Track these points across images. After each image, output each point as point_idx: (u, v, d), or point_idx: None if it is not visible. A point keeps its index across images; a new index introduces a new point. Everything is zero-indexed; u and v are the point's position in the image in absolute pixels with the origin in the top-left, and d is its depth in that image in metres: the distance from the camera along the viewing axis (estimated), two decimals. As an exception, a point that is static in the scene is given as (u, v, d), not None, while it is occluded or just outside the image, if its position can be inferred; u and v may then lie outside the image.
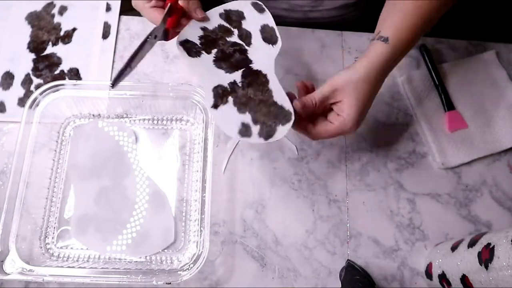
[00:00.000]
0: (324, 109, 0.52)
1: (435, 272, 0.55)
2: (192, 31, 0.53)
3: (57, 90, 0.59)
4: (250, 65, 0.52)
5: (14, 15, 0.69)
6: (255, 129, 0.49)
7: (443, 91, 0.66)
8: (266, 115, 0.50)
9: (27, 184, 0.55)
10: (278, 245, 0.59)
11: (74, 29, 0.69)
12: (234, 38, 0.53)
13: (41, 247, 0.57)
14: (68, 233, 0.58)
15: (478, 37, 0.72)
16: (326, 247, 0.59)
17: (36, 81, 0.66)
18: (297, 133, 0.53)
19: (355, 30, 0.71)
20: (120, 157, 0.61)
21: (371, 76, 0.50)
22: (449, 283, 0.52)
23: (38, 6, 0.70)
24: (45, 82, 0.64)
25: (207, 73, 0.52)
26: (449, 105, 0.66)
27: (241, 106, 0.50)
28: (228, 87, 0.51)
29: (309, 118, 0.52)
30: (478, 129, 0.65)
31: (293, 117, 0.49)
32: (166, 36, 0.51)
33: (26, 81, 0.66)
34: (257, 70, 0.52)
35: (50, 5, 0.70)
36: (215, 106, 0.50)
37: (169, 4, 0.49)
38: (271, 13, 0.57)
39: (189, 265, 0.51)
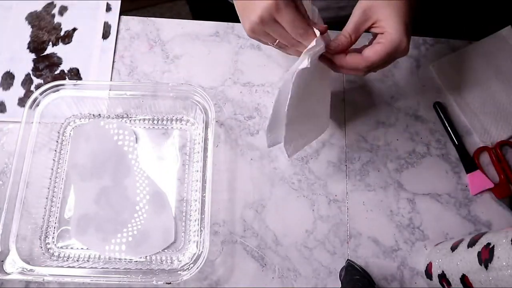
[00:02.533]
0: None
1: (435, 272, 0.55)
2: None
3: (57, 90, 0.59)
4: None
5: (14, 15, 0.69)
6: None
7: (463, 152, 0.64)
8: None
9: (27, 184, 0.55)
10: (278, 245, 0.59)
11: (74, 29, 0.69)
12: None
13: (41, 247, 0.57)
14: (68, 233, 0.58)
15: (478, 37, 0.72)
16: (326, 247, 0.59)
17: (36, 81, 0.66)
18: None
19: None
20: (120, 157, 0.61)
21: None
22: (449, 283, 0.52)
23: (38, 6, 0.70)
24: (45, 82, 0.64)
25: None
26: (469, 167, 0.64)
27: None
28: None
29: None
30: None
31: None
32: None
33: (26, 81, 0.66)
34: None
35: (50, 5, 0.70)
36: None
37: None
38: None
39: (189, 265, 0.51)
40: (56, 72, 0.66)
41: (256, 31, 0.48)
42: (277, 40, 0.48)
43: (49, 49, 0.68)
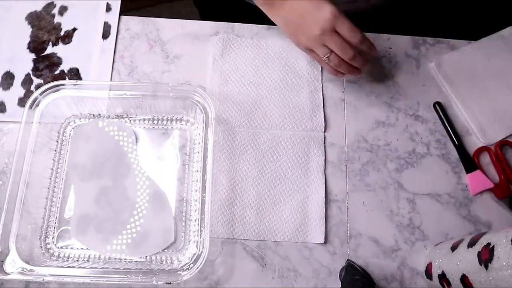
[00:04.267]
0: None
1: (435, 272, 0.55)
2: None
3: (57, 90, 0.59)
4: None
5: (14, 15, 0.69)
6: None
7: (463, 152, 0.64)
8: None
9: (27, 184, 0.55)
10: (278, 245, 0.59)
11: (74, 29, 0.69)
12: None
13: (41, 247, 0.57)
14: (68, 233, 0.58)
15: (478, 37, 0.72)
16: (326, 247, 0.59)
17: (36, 81, 0.66)
18: None
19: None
20: (120, 157, 0.61)
21: None
22: (449, 283, 0.52)
23: (38, 6, 0.70)
24: (45, 82, 0.64)
25: None
26: (469, 167, 0.64)
27: None
28: None
29: None
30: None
31: None
32: None
33: (26, 81, 0.66)
34: None
35: (50, 5, 0.70)
36: None
37: None
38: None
39: (189, 265, 0.51)
40: (56, 72, 0.66)
41: (313, 44, 0.54)
42: (331, 53, 0.54)
43: (49, 49, 0.68)
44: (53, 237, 0.58)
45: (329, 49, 0.55)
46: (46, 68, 0.67)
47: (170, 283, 0.50)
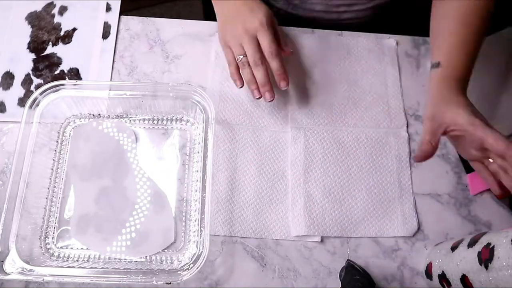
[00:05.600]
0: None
1: (435, 272, 0.55)
2: None
3: (57, 90, 0.59)
4: None
5: (14, 15, 0.69)
6: None
7: None
8: None
9: (27, 184, 0.55)
10: (278, 245, 0.59)
11: (74, 29, 0.69)
12: None
13: (41, 247, 0.57)
14: (68, 233, 0.58)
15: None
16: (326, 247, 0.59)
17: (36, 81, 0.66)
18: None
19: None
20: (120, 157, 0.61)
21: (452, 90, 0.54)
22: (449, 283, 0.52)
23: (38, 6, 0.70)
24: (45, 82, 0.64)
25: None
26: (469, 167, 0.62)
27: None
28: None
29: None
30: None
31: None
32: None
33: (26, 81, 0.66)
34: None
35: (50, 5, 0.70)
36: None
37: None
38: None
39: (189, 265, 0.51)
40: (56, 72, 0.66)
41: (233, 41, 0.59)
42: (244, 56, 0.58)
43: (49, 49, 0.68)
44: (53, 237, 0.58)
45: (244, 51, 0.58)
46: (46, 68, 0.66)
47: (170, 283, 0.50)
